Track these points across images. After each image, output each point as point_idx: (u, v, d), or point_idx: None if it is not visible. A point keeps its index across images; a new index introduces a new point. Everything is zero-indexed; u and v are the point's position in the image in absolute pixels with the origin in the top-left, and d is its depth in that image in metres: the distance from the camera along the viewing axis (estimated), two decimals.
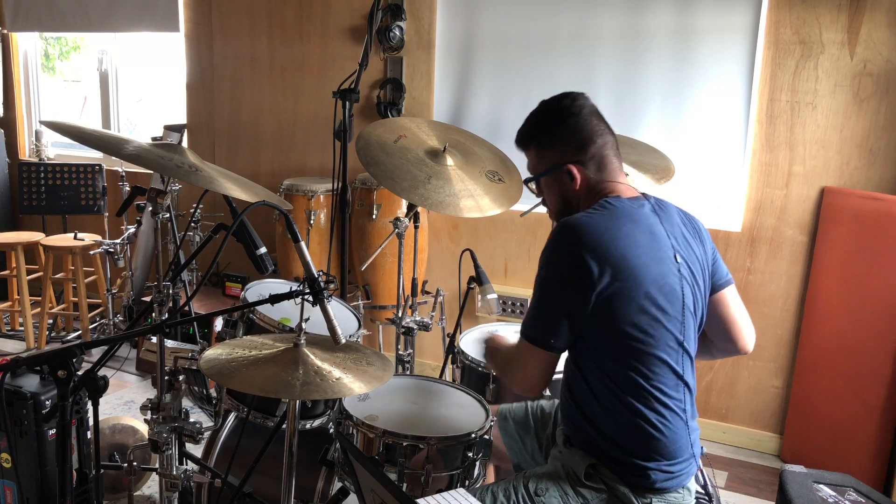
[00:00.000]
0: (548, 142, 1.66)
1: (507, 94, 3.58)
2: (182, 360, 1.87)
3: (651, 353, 1.51)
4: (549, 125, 1.66)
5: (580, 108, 1.64)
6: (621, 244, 1.49)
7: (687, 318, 1.57)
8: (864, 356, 2.82)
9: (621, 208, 1.56)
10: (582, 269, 1.47)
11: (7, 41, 4.90)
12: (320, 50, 3.97)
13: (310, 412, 2.04)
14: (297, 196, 3.57)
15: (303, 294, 1.57)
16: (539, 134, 1.67)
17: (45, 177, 4.36)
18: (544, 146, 1.67)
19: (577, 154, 1.63)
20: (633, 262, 1.49)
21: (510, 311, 3.64)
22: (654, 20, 3.23)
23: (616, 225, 1.52)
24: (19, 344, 4.20)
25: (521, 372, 1.59)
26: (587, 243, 1.48)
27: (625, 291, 1.48)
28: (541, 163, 1.68)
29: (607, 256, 1.47)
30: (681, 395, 1.56)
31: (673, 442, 1.54)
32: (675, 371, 1.54)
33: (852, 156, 3.00)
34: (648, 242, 1.54)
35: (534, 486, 1.58)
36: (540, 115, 1.69)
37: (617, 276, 1.47)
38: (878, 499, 1.93)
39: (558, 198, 1.68)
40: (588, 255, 1.47)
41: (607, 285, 1.47)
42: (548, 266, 1.55)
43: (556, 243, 1.53)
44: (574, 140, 1.63)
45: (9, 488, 2.12)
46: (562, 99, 1.67)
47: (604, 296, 1.47)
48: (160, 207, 1.84)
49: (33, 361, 1.39)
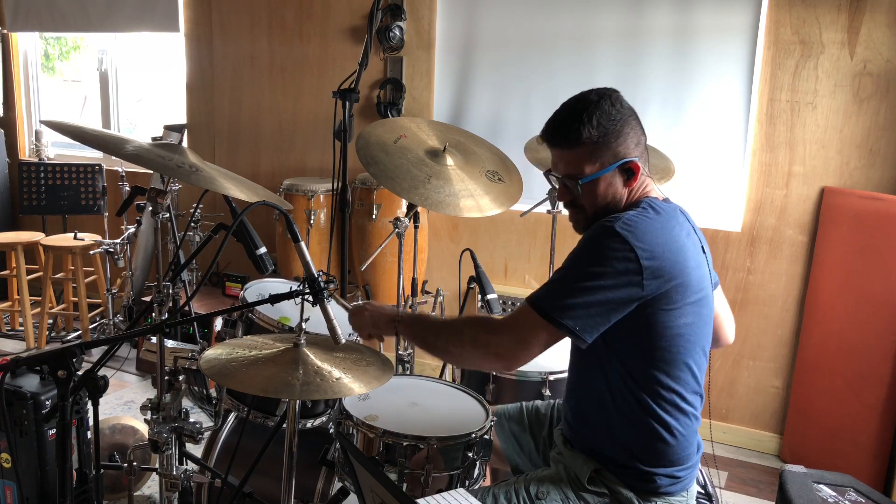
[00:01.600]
0: (611, 137, 1.52)
1: (507, 94, 3.58)
2: (182, 360, 1.87)
3: (682, 359, 1.50)
4: (613, 119, 1.52)
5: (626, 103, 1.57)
6: (673, 248, 1.47)
7: (710, 324, 1.58)
8: (864, 356, 2.82)
9: (668, 211, 1.53)
10: (633, 272, 1.41)
11: (7, 41, 4.90)
12: (320, 50, 3.97)
13: (310, 412, 2.04)
14: (297, 196, 3.57)
15: (303, 294, 1.57)
16: (599, 127, 1.51)
17: (45, 177, 4.36)
18: (607, 141, 1.52)
19: (637, 149, 1.55)
20: (683, 267, 1.47)
21: (510, 311, 3.63)
22: (654, 20, 3.23)
23: (668, 227, 1.49)
24: (19, 344, 4.20)
25: (519, 344, 1.48)
26: (645, 245, 1.42)
27: (672, 296, 1.45)
28: (594, 159, 1.53)
29: (661, 261, 1.43)
30: (697, 400, 1.57)
31: (684, 448, 1.54)
32: (696, 377, 1.55)
33: (852, 156, 3.00)
34: (692, 247, 1.53)
35: (535, 489, 1.58)
36: (600, 108, 1.52)
37: (668, 281, 1.44)
38: (878, 499, 1.93)
39: (604, 198, 1.55)
40: (644, 258, 1.42)
41: (655, 289, 1.43)
42: (597, 259, 1.44)
43: (609, 240, 1.43)
44: (636, 135, 1.55)
45: (9, 488, 2.12)
46: (613, 92, 1.55)
47: (649, 299, 1.44)
48: (160, 207, 1.84)
49: (33, 361, 1.39)
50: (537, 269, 3.60)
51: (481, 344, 1.55)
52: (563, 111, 1.56)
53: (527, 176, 2.59)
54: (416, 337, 1.66)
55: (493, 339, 1.53)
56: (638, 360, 1.50)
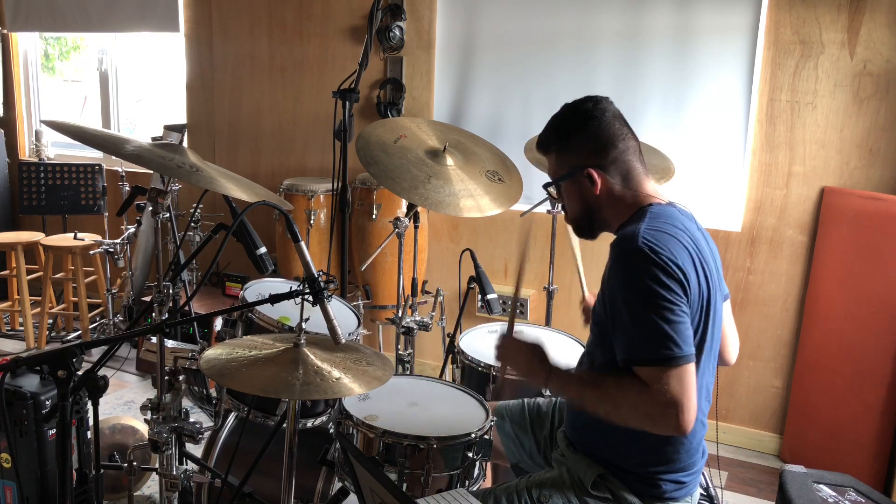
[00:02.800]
0: (568, 145, 1.60)
1: (507, 94, 3.58)
2: (182, 360, 1.87)
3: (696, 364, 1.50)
4: (569, 128, 1.60)
5: (602, 111, 1.58)
6: (692, 252, 1.46)
7: (719, 331, 1.58)
8: (864, 356, 2.82)
9: (674, 216, 1.53)
10: (677, 277, 1.40)
11: (7, 41, 4.90)
12: (320, 50, 3.97)
13: (310, 412, 2.04)
14: (297, 196, 3.57)
15: (303, 294, 1.57)
16: (559, 137, 1.61)
17: (45, 177, 4.36)
18: (564, 150, 1.61)
19: (597, 158, 1.57)
20: (705, 273, 1.47)
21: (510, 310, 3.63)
22: (654, 20, 3.23)
23: (679, 234, 1.48)
24: (19, 344, 4.20)
25: (669, 408, 1.34)
26: (669, 254, 1.41)
27: (695, 303, 1.45)
28: (560, 167, 1.63)
29: (685, 267, 1.42)
30: (706, 405, 1.57)
31: (690, 455, 1.54)
32: (708, 379, 1.55)
33: (852, 156, 3.00)
34: (707, 251, 1.53)
35: (537, 492, 1.58)
36: (561, 119, 1.63)
37: (695, 287, 1.44)
38: (878, 499, 1.93)
39: (578, 203, 1.62)
40: (674, 265, 1.41)
41: (691, 292, 1.43)
42: (644, 282, 1.40)
43: (640, 260, 1.41)
44: (594, 143, 1.57)
45: (9, 488, 2.12)
46: (584, 102, 1.62)
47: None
48: (160, 207, 1.84)
49: (33, 361, 1.39)
50: (537, 269, 3.60)
51: (642, 421, 1.40)
52: (550, 119, 1.67)
53: (527, 176, 2.59)
54: (572, 400, 1.60)
55: (648, 422, 1.39)
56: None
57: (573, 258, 2.39)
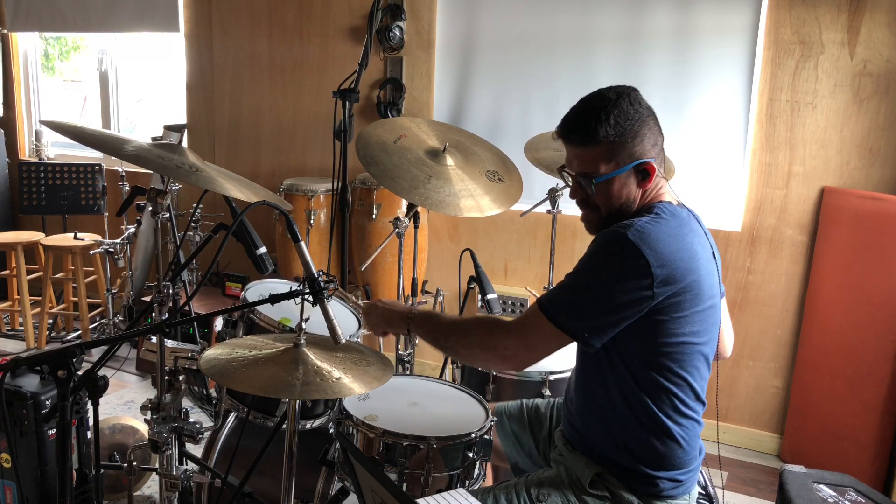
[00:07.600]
0: (625, 136, 1.48)
1: (507, 94, 3.58)
2: (182, 360, 1.87)
3: (687, 365, 1.50)
4: (630, 120, 1.48)
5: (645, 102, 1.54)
6: (685, 255, 1.45)
7: (717, 331, 1.58)
8: (863, 356, 2.82)
9: (681, 217, 1.52)
10: (645, 279, 1.40)
11: (7, 41, 4.90)
12: (320, 50, 3.97)
13: (310, 412, 2.04)
14: (297, 196, 3.57)
15: (303, 294, 1.57)
16: (617, 127, 1.47)
17: (45, 177, 4.36)
18: (621, 141, 1.48)
19: (653, 150, 1.52)
20: (695, 275, 1.46)
21: (510, 311, 3.64)
22: (654, 21, 3.24)
23: (681, 235, 1.47)
24: (19, 344, 4.20)
25: (527, 348, 1.50)
26: (657, 254, 1.41)
27: (682, 304, 1.45)
28: (609, 159, 1.49)
29: (673, 270, 1.42)
30: (700, 406, 1.57)
31: (686, 453, 1.54)
32: (700, 383, 1.55)
33: (852, 156, 3.00)
34: (704, 255, 1.52)
35: (535, 491, 1.58)
36: (618, 109, 1.48)
37: (679, 289, 1.43)
38: (878, 499, 1.93)
39: (618, 198, 1.53)
40: (656, 265, 1.40)
41: (666, 296, 1.43)
42: (608, 266, 1.43)
43: (622, 247, 1.42)
44: (653, 136, 1.51)
45: (9, 488, 2.12)
46: (633, 91, 1.52)
47: (660, 307, 1.43)
48: (160, 207, 1.83)
49: (33, 361, 1.38)
50: (537, 269, 3.60)
51: (489, 346, 1.56)
52: (581, 108, 1.52)
53: (527, 176, 2.59)
54: (427, 335, 1.67)
55: (501, 342, 1.54)
56: (643, 364, 1.49)
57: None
